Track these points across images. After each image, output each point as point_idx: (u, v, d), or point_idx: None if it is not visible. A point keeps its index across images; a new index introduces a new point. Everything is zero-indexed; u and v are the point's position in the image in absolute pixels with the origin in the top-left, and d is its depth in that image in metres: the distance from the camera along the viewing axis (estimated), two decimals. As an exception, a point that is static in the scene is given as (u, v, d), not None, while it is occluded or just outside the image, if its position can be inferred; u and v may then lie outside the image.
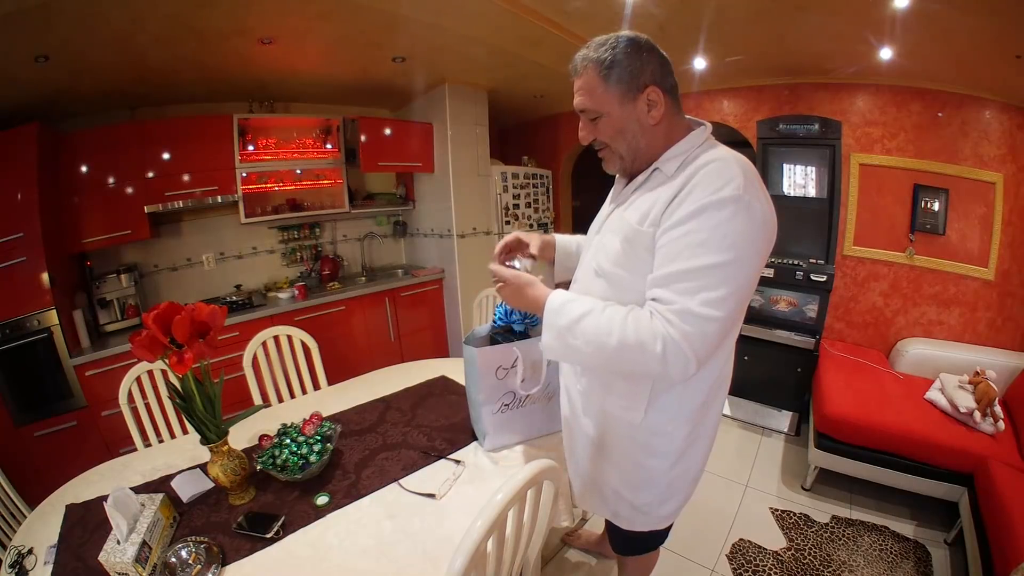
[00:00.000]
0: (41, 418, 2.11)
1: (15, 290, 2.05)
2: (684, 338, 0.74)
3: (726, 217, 0.73)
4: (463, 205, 3.33)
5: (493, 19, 2.20)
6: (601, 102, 0.84)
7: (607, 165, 0.94)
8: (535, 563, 1.08)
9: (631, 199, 0.91)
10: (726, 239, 0.73)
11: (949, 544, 1.79)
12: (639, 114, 0.83)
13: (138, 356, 0.98)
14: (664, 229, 0.79)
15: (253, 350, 1.78)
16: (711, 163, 0.79)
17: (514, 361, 1.22)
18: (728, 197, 0.73)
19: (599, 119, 0.86)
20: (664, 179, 0.84)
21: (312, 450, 1.20)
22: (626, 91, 0.82)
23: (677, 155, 0.84)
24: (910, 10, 1.75)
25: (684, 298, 0.75)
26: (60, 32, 1.74)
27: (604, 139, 0.88)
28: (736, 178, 0.75)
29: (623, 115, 0.84)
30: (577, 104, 0.87)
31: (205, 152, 2.64)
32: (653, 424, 0.93)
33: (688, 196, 0.77)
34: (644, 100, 0.82)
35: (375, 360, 2.80)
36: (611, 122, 0.85)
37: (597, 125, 0.87)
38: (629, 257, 0.86)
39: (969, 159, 2.40)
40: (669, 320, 0.75)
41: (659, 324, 0.76)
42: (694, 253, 0.74)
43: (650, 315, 0.77)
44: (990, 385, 1.90)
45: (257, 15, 1.97)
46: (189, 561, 0.92)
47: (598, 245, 0.96)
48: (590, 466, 1.07)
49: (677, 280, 0.76)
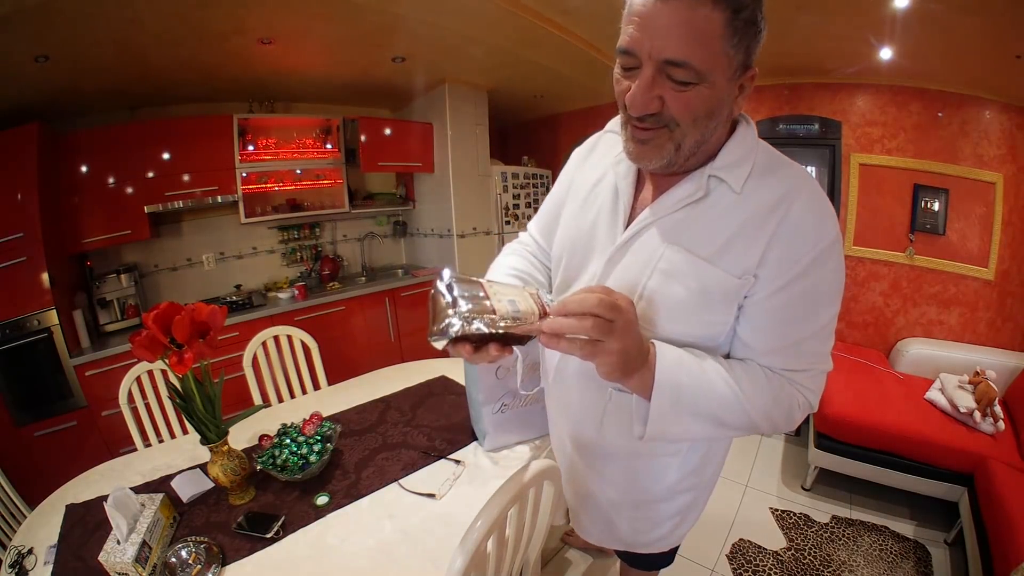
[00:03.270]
0: (41, 418, 2.11)
1: (15, 290, 2.05)
2: (815, 399, 0.68)
3: (837, 260, 0.62)
4: (463, 205, 3.33)
5: (493, 19, 2.20)
6: (716, 61, 0.53)
7: (647, 155, 0.62)
8: (535, 563, 1.08)
9: (675, 218, 0.66)
10: (838, 282, 0.63)
11: (949, 544, 1.79)
12: (733, 97, 0.59)
13: (138, 356, 0.98)
14: (777, 286, 0.61)
15: (253, 350, 1.78)
16: (798, 186, 0.61)
17: (514, 361, 1.22)
18: (836, 235, 0.61)
19: (695, 87, 0.54)
20: (730, 196, 0.62)
21: (312, 450, 1.20)
22: (744, 61, 0.56)
23: (739, 162, 0.63)
24: (910, 10, 1.75)
25: (818, 362, 0.67)
26: (60, 32, 1.74)
27: (683, 119, 0.57)
28: (830, 208, 0.62)
29: (725, 93, 0.57)
30: (669, 49, 0.52)
31: (205, 152, 2.64)
32: (668, 448, 0.80)
33: (796, 239, 0.59)
34: (742, 81, 0.58)
35: (375, 360, 2.79)
36: (712, 97, 0.56)
37: (686, 95, 0.55)
38: (698, 308, 0.65)
39: (969, 159, 2.40)
40: (806, 387, 0.67)
41: (798, 394, 0.67)
42: (817, 312, 0.64)
43: (786, 381, 0.66)
44: (990, 385, 1.90)
45: (257, 15, 1.97)
46: (189, 561, 0.92)
47: (629, 285, 0.68)
48: (604, 499, 0.91)
49: (808, 345, 0.65)
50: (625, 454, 0.82)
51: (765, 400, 0.64)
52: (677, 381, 0.61)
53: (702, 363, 0.63)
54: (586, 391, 0.80)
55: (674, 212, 0.66)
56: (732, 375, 0.63)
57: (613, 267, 0.71)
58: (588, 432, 0.83)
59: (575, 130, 4.31)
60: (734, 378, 0.63)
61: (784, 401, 0.66)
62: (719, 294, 0.63)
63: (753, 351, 0.67)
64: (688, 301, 0.64)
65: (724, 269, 0.62)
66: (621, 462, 0.84)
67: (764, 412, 0.64)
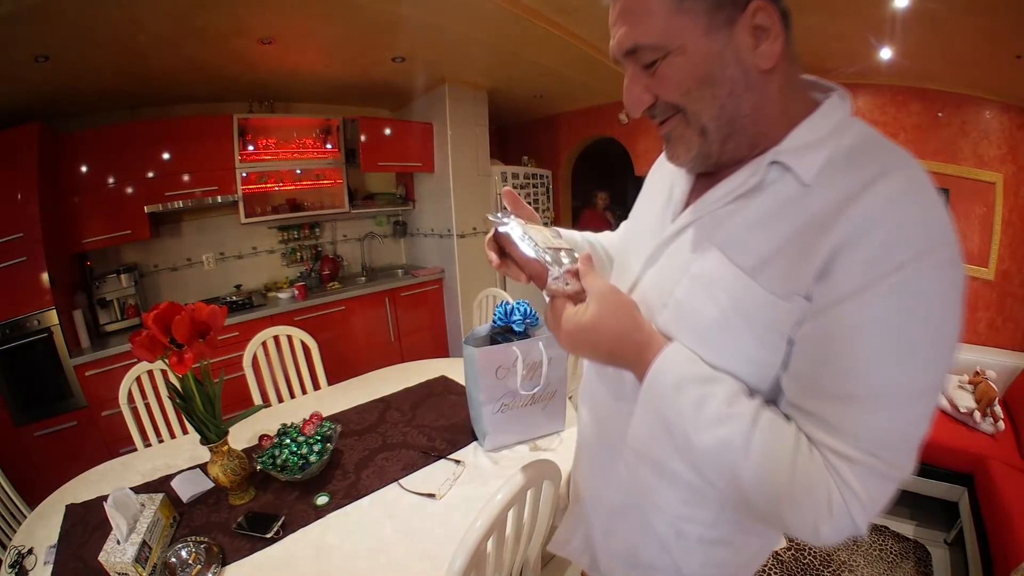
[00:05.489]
0: (41, 418, 2.11)
1: (15, 290, 2.05)
2: (860, 514, 0.42)
3: (945, 280, 0.40)
4: (463, 205, 3.33)
5: (493, 19, 2.20)
6: (666, 28, 0.46)
7: (677, 151, 0.54)
8: (535, 563, 1.08)
9: (719, 214, 0.52)
10: (944, 318, 0.40)
11: (949, 544, 1.79)
12: (739, 49, 0.45)
13: (138, 356, 0.98)
14: (832, 300, 0.42)
15: (253, 350, 1.78)
16: (889, 168, 0.42)
17: (514, 361, 1.22)
18: (946, 239, 0.40)
19: (663, 61, 0.47)
20: (793, 190, 0.47)
21: (312, 450, 1.20)
22: (715, 7, 0.45)
23: (815, 144, 0.47)
24: (910, 10, 1.75)
25: (881, 450, 0.41)
26: (60, 32, 1.74)
27: (674, 97, 0.49)
28: (940, 202, 0.41)
29: (711, 50, 0.45)
30: (620, 40, 0.49)
31: (205, 152, 2.64)
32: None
33: (876, 236, 0.40)
34: (748, 25, 0.45)
35: (375, 360, 2.79)
36: (688, 63, 0.46)
37: (658, 73, 0.48)
38: (731, 334, 0.48)
39: (969, 159, 2.40)
40: (850, 487, 0.42)
41: (835, 491, 0.42)
42: (898, 356, 0.40)
43: (823, 462, 0.43)
44: (990, 385, 1.90)
45: (257, 15, 1.97)
46: (189, 561, 0.92)
47: (659, 291, 0.56)
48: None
49: (871, 411, 0.41)
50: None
51: (777, 474, 0.44)
52: (661, 411, 0.50)
53: (703, 397, 0.47)
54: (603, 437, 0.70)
55: (720, 207, 0.52)
56: (744, 422, 0.45)
57: (649, 268, 0.60)
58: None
59: (575, 130, 4.31)
60: (743, 426, 0.45)
61: (809, 492, 0.43)
62: (760, 320, 0.46)
63: (787, 407, 0.48)
64: (718, 322, 0.49)
65: (766, 286, 0.46)
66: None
67: (768, 491, 0.44)
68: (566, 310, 0.53)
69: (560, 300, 0.54)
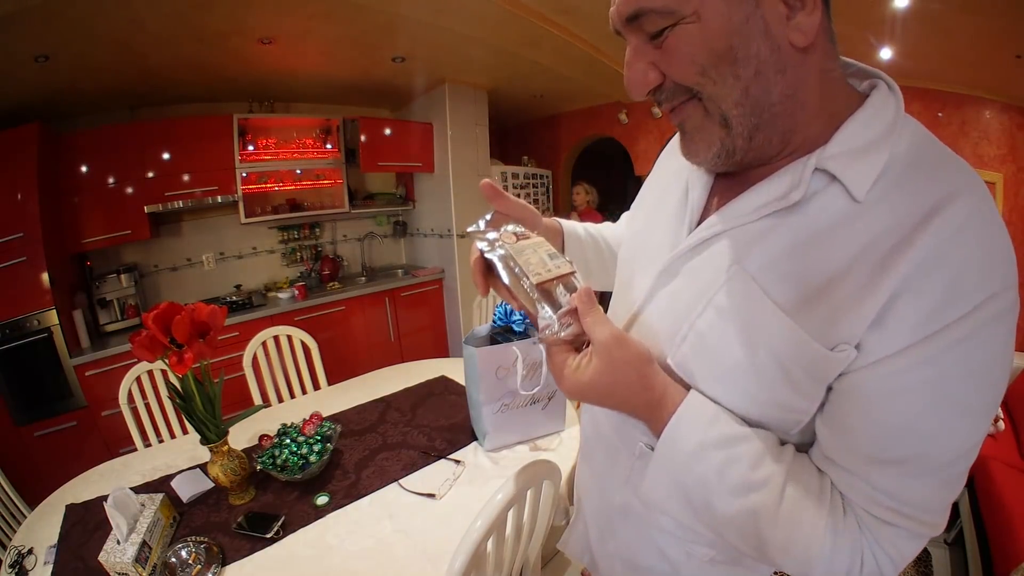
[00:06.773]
0: (41, 418, 2.11)
1: (15, 290, 2.05)
2: (899, 564, 0.40)
3: (1003, 331, 0.35)
4: (463, 205, 3.33)
5: (493, 19, 2.20)
6: None
7: (694, 147, 0.45)
8: (535, 563, 1.08)
9: (753, 230, 0.43)
10: (1002, 379, 0.37)
11: (949, 544, 1.79)
12: (768, 20, 0.37)
13: (138, 356, 0.98)
14: (888, 353, 0.36)
15: (253, 350, 1.78)
16: (955, 194, 0.35)
17: (514, 361, 1.22)
18: (1009, 284, 0.35)
19: (672, 30, 0.38)
20: (847, 207, 0.39)
21: (312, 450, 1.20)
22: None
23: (867, 149, 0.39)
24: (910, 10, 1.75)
25: (922, 512, 0.39)
26: (60, 32, 1.74)
27: (686, 77, 0.40)
28: (1006, 235, 0.36)
29: (732, 19, 0.36)
30: (621, 4, 0.40)
31: (205, 152, 2.64)
32: None
33: (941, 283, 0.34)
34: None
35: (375, 360, 2.80)
36: (704, 34, 0.37)
37: (667, 46, 0.39)
38: (762, 380, 0.41)
39: (969, 159, 2.33)
40: (885, 550, 0.40)
41: (868, 554, 0.40)
42: (951, 415, 0.36)
43: (856, 523, 0.41)
44: (990, 385, 1.90)
45: (257, 15, 1.97)
46: (189, 561, 0.92)
47: (675, 319, 0.47)
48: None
49: (920, 474, 0.38)
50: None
51: (808, 539, 0.40)
52: (679, 479, 0.45)
53: (727, 462, 0.42)
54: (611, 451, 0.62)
55: (753, 221, 0.43)
56: (772, 490, 0.41)
57: (661, 288, 0.50)
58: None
59: (575, 130, 4.31)
60: (772, 495, 0.41)
61: (840, 555, 0.40)
62: (798, 367, 0.39)
63: (821, 459, 0.43)
64: (747, 365, 0.42)
65: (810, 331, 0.38)
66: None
67: (798, 556, 0.41)
68: (566, 361, 0.45)
69: (557, 348, 0.45)
